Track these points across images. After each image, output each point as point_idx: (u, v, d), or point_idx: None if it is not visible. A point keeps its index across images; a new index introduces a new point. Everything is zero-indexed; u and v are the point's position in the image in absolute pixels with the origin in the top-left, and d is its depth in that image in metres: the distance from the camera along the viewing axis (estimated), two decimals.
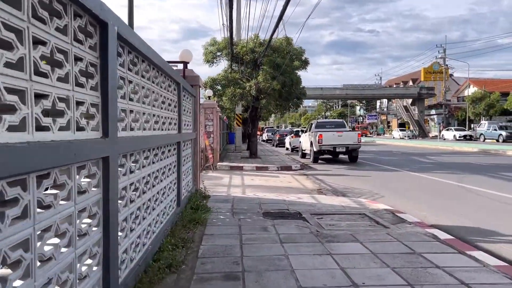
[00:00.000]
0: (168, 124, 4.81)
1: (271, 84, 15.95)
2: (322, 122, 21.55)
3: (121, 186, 2.87)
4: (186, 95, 6.55)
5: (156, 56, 3.80)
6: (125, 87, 2.99)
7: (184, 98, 6.20)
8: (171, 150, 5.02)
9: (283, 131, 36.73)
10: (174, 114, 5.20)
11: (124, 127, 2.97)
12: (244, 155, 20.59)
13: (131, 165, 3.13)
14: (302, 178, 12.65)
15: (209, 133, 15.06)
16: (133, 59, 3.23)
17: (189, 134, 6.73)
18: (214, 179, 12.11)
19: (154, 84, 3.98)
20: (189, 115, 6.87)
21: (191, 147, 7.22)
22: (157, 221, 4.14)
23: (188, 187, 6.89)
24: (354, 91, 62.40)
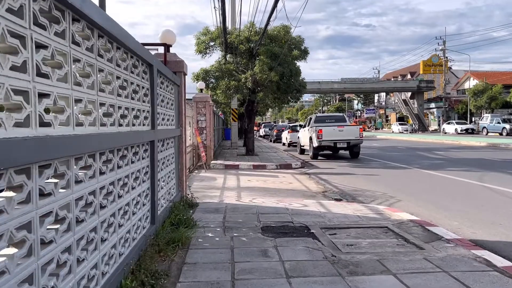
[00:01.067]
0: (134, 117, 3.57)
1: (269, 75, 14.70)
2: (322, 116, 20.34)
3: (13, 223, 1.64)
4: (166, 82, 5.30)
5: (102, 15, 2.55)
6: None
7: (161, 86, 4.95)
8: (139, 152, 3.78)
9: (281, 126, 35.45)
10: (144, 105, 3.96)
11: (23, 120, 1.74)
12: (240, 152, 19.35)
13: (41, 186, 1.89)
14: (304, 178, 11.44)
15: (201, 129, 13.81)
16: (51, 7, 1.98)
17: (170, 130, 5.49)
18: (207, 180, 10.87)
19: (102, 58, 2.73)
20: (170, 108, 5.62)
21: (174, 146, 5.97)
22: (112, 255, 2.90)
23: (170, 196, 5.65)
24: (352, 85, 61.14)
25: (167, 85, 5.46)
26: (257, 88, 15.95)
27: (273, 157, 17.10)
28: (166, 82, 5.37)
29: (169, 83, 5.59)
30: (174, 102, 6.00)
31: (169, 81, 5.58)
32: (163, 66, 4.96)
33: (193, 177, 11.54)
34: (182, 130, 6.42)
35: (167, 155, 5.41)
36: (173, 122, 5.89)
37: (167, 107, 5.36)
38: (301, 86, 16.26)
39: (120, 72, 3.18)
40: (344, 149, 17.77)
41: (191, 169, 12.89)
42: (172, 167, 5.80)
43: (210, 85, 16.58)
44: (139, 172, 3.76)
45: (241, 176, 11.61)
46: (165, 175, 5.18)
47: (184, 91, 6.76)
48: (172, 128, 5.79)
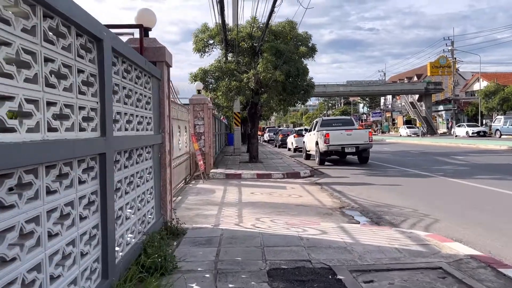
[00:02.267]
0: (56, 117, 2.16)
1: (273, 74, 13.29)
2: (328, 119, 18.93)
3: None
4: (135, 72, 3.90)
5: None
6: None
7: (125, 75, 3.55)
8: (71, 174, 2.36)
9: (286, 130, 34.00)
10: (84, 99, 2.55)
11: None
12: (243, 159, 17.92)
13: None
14: (315, 189, 9.98)
15: (199, 135, 12.40)
16: None
17: (144, 137, 4.08)
18: (204, 193, 9.45)
19: None
20: (144, 107, 4.22)
21: (152, 158, 4.55)
22: None
23: (145, 225, 4.22)
24: (358, 88, 59.67)
25: (139, 77, 4.05)
26: (260, 89, 14.54)
27: (279, 164, 15.66)
28: (137, 72, 3.96)
29: (143, 74, 4.18)
30: (152, 100, 4.59)
31: (142, 72, 4.17)
32: (128, 48, 3.55)
33: (189, 189, 10.12)
34: (165, 137, 5.01)
35: (139, 170, 3.99)
36: (150, 126, 4.48)
37: (138, 105, 3.95)
38: (309, 86, 14.83)
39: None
40: (353, 154, 16.47)
41: (188, 180, 11.47)
42: (148, 186, 4.37)
43: (209, 86, 15.18)
44: (70, 206, 2.33)
45: (244, 188, 10.17)
46: (134, 199, 3.76)
47: (168, 87, 5.35)
48: (149, 134, 4.37)
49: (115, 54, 3.17)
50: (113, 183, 2.97)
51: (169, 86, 5.40)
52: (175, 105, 9.65)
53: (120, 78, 3.36)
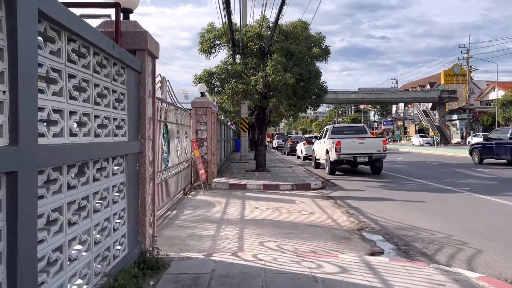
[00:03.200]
0: None
1: (283, 77, 12.26)
2: (340, 127, 17.85)
3: None
4: (95, 57, 2.89)
5: None
6: None
7: (72, 57, 2.54)
8: None
9: (296, 137, 32.90)
10: None
11: None
12: (250, 167, 16.88)
13: None
14: (328, 204, 8.89)
15: (201, 141, 11.39)
16: None
17: (105, 145, 3.06)
18: (203, 206, 8.41)
19: None
20: (112, 105, 3.20)
21: (124, 172, 3.53)
22: None
23: (109, 262, 3.18)
24: (370, 95, 58.40)
25: (103, 65, 3.04)
26: (269, 92, 13.51)
27: (288, 173, 14.59)
28: (99, 58, 2.95)
29: (110, 63, 3.17)
30: (127, 98, 3.58)
31: (109, 59, 3.16)
32: (78, 20, 2.53)
33: (187, 201, 9.09)
34: (146, 144, 3.99)
35: (101, 189, 2.97)
36: (122, 131, 3.46)
37: (99, 103, 2.93)
38: (321, 91, 13.77)
39: None
40: (365, 164, 15.40)
41: (187, 190, 10.45)
42: (117, 208, 3.35)
43: (215, 89, 14.19)
44: None
45: (248, 201, 9.12)
46: (88, 231, 2.73)
47: (153, 82, 4.36)
48: (119, 141, 3.36)
49: (50, 24, 2.16)
50: (33, 215, 1.95)
51: (154, 81, 4.39)
52: (174, 108, 8.67)
53: (62, 62, 2.35)
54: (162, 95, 7.69)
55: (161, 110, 7.48)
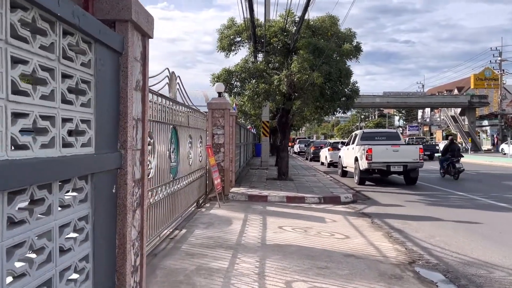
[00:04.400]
0: None
1: (310, 76, 10.96)
2: (370, 132, 16.40)
3: None
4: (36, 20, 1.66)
5: None
6: None
7: None
8: None
9: (319, 142, 31.44)
10: None
11: None
12: (271, 175, 15.60)
13: None
14: (364, 224, 7.53)
15: (217, 147, 10.18)
16: None
17: (47, 162, 1.82)
18: (217, 224, 7.17)
19: None
20: (72, 101, 1.98)
21: (88, 200, 2.29)
22: None
23: None
24: (396, 99, 56.29)
25: (44, 30, 1.81)
26: (293, 93, 12.21)
27: (313, 183, 13.24)
28: (30, 13, 1.72)
29: (61, 28, 1.94)
30: (94, 89, 2.34)
31: (55, 22, 1.92)
32: None
33: (200, 216, 7.87)
34: (129, 156, 2.76)
35: (33, 236, 1.73)
36: (85, 138, 2.23)
37: (36, 92, 1.71)
38: (352, 91, 12.40)
39: None
40: (399, 174, 13.97)
41: (201, 202, 9.24)
42: (69, 261, 2.11)
43: (234, 90, 12.99)
44: None
45: (270, 218, 7.84)
46: None
47: (143, 70, 3.15)
48: (76, 154, 2.12)
49: None
50: None
51: (146, 69, 3.18)
52: (186, 109, 7.48)
53: None
54: (171, 94, 6.51)
55: (168, 111, 6.29)
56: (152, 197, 5.37)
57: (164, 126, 6.00)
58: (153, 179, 5.42)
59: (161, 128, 5.84)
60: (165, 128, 6.10)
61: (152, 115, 5.46)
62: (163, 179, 6.00)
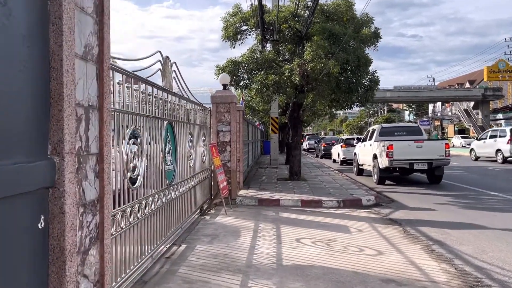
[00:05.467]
0: None
1: (325, 64, 9.81)
2: (390, 127, 15.17)
3: None
4: None
5: None
6: None
7: None
8: None
9: (330, 139, 30.23)
10: None
11: None
12: (281, 174, 14.50)
13: None
14: (396, 234, 6.39)
15: (223, 145, 9.09)
16: None
17: None
18: (221, 238, 6.07)
19: None
20: None
21: None
22: None
23: None
24: (407, 94, 54.81)
25: None
26: (306, 85, 11.07)
27: (328, 183, 12.11)
28: None
29: None
30: None
31: None
32: None
33: (202, 227, 6.78)
34: (68, 167, 1.65)
35: None
36: None
37: None
38: (372, 82, 11.22)
39: None
40: (421, 172, 12.81)
41: (205, 208, 8.16)
42: None
43: (241, 83, 11.88)
44: None
45: (284, 227, 6.73)
46: None
47: (100, 29, 2.02)
48: None
49: None
50: None
51: (105, 27, 2.07)
52: (185, 102, 6.40)
53: None
54: (165, 83, 5.41)
55: (162, 104, 5.21)
56: (140, 211, 4.29)
57: (156, 122, 4.92)
58: (141, 188, 4.33)
59: (151, 124, 4.75)
60: (158, 124, 5.02)
61: (139, 108, 4.38)
62: (156, 186, 4.92)
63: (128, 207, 3.95)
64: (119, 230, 3.72)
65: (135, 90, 4.28)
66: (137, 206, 4.25)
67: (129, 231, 3.99)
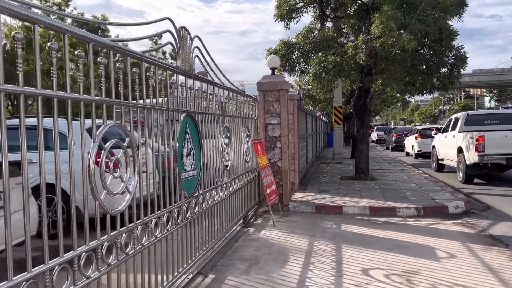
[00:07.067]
0: None
1: (398, 39, 7.94)
2: (477, 115, 12.70)
3: None
4: None
5: None
6: None
7: None
8: None
9: (401, 129, 27.49)
10: None
11: None
12: (345, 172, 12.75)
13: None
14: (504, 261, 4.54)
15: (271, 141, 7.62)
16: None
17: None
18: (262, 265, 4.63)
19: None
20: None
21: None
22: None
23: None
24: (489, 77, 49.66)
25: None
26: (375, 66, 9.22)
27: (402, 183, 10.19)
28: None
29: None
30: None
31: None
32: None
33: (241, 246, 5.39)
34: None
35: None
36: None
37: None
38: (458, 59, 9.08)
39: None
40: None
41: (250, 217, 6.77)
42: None
43: (296, 67, 10.29)
44: None
45: (348, 249, 5.13)
46: None
47: None
48: None
49: None
50: None
51: None
52: (211, 87, 5.03)
53: None
54: (180, 62, 4.04)
55: (176, 90, 3.86)
56: (146, 235, 2.98)
57: (162, 114, 3.58)
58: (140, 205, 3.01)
59: (154, 117, 3.42)
60: (167, 118, 3.68)
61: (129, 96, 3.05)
62: (169, 200, 3.61)
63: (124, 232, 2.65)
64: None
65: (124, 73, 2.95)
66: (139, 229, 2.96)
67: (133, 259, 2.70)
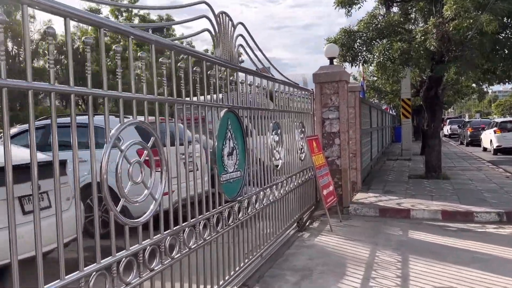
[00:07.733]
0: None
1: (475, 20, 6.96)
2: None
3: None
4: None
5: None
6: None
7: None
8: None
9: (478, 122, 25.21)
10: None
11: None
12: (414, 169, 11.74)
13: None
14: None
15: (328, 137, 7.01)
16: None
17: None
18: (316, 278, 4.11)
19: None
20: None
21: None
22: None
23: None
24: None
25: None
26: (447, 53, 8.23)
27: (480, 182, 9.08)
28: None
29: None
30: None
31: None
32: None
33: (294, 253, 4.91)
34: None
35: None
36: None
37: None
38: None
39: None
40: None
41: (305, 221, 6.25)
42: None
43: (358, 56, 9.54)
44: None
45: (415, 262, 4.46)
46: None
47: None
48: None
49: None
50: None
51: None
52: (259, 79, 4.58)
53: None
54: (220, 51, 3.64)
55: (216, 82, 3.47)
56: (177, 249, 2.62)
57: (208, 110, 3.20)
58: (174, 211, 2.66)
59: (186, 114, 3.04)
60: (213, 114, 3.29)
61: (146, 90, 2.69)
62: (208, 205, 3.23)
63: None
64: None
65: None
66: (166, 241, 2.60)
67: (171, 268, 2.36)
